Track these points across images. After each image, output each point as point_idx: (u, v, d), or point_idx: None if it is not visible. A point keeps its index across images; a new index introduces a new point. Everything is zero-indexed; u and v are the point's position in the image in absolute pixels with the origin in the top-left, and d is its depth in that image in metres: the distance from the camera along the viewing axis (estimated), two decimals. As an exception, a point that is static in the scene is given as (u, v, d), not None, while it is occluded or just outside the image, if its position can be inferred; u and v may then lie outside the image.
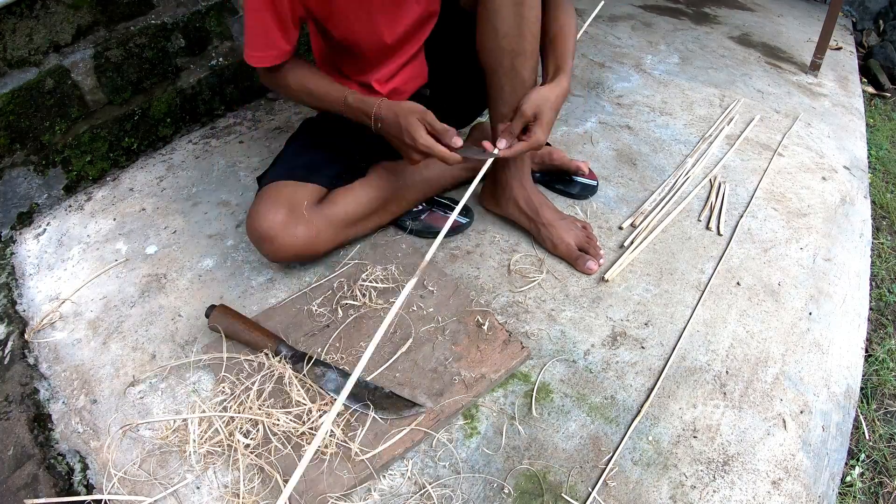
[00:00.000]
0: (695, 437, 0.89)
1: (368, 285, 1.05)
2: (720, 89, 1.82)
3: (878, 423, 1.04)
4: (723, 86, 1.84)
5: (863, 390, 1.06)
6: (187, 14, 1.36)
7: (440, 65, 1.16)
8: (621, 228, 1.25)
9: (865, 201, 1.43)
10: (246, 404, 0.84)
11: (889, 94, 2.20)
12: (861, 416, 1.04)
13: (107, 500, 0.76)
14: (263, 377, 0.88)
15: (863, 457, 0.99)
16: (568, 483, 0.82)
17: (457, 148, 0.96)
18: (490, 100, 1.08)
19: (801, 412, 0.94)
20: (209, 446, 0.81)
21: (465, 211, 1.23)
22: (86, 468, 0.82)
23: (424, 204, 1.22)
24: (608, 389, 0.94)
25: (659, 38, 2.15)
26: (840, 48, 2.26)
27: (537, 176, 1.33)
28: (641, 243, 1.20)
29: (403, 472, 0.82)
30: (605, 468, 0.83)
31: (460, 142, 0.96)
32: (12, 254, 1.14)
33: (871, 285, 1.24)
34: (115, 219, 1.22)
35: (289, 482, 0.70)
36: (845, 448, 0.92)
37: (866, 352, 1.11)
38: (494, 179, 1.19)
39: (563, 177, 1.35)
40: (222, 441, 0.81)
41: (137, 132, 1.35)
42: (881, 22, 2.64)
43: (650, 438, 0.88)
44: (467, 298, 1.05)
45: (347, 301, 1.02)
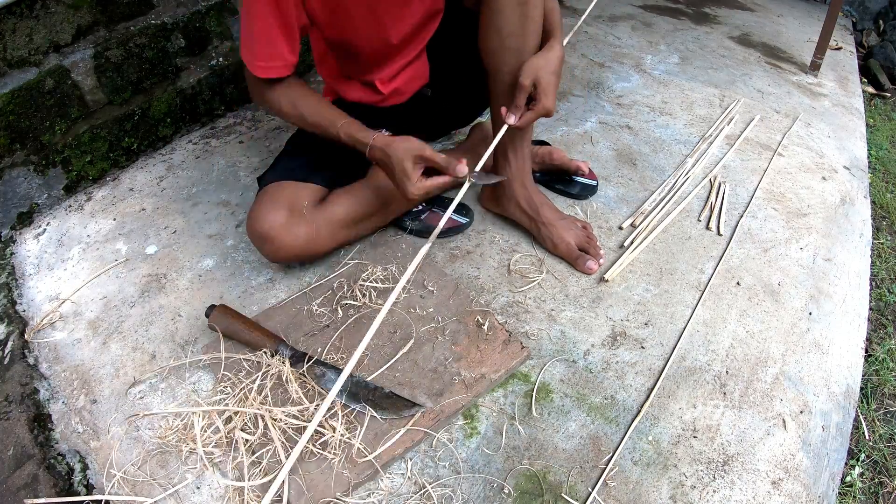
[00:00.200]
0: (695, 437, 0.89)
1: (368, 285, 1.05)
2: (720, 89, 1.82)
3: (878, 423, 1.04)
4: (723, 86, 1.84)
5: (863, 390, 1.06)
6: (187, 14, 1.36)
7: (441, 64, 1.16)
8: (621, 228, 1.25)
9: (865, 201, 1.43)
10: (246, 403, 0.84)
11: (889, 94, 2.20)
12: (861, 416, 1.04)
13: (107, 500, 0.76)
14: (263, 377, 0.88)
15: (863, 457, 0.99)
16: (568, 483, 0.82)
17: (463, 176, 0.93)
18: (492, 99, 1.08)
19: (801, 412, 0.94)
20: (210, 446, 0.81)
21: (465, 211, 1.23)
22: (86, 468, 0.82)
23: (424, 204, 1.22)
24: (608, 389, 0.94)
25: (659, 38, 2.15)
26: (840, 48, 2.26)
27: (537, 176, 1.33)
28: (641, 243, 1.20)
29: (403, 472, 0.82)
30: (605, 468, 0.83)
31: (466, 170, 0.92)
32: (12, 254, 1.14)
33: (871, 285, 1.24)
34: (115, 219, 1.22)
35: (284, 465, 0.70)
36: (845, 448, 0.92)
37: (866, 352, 1.11)
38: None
39: (563, 177, 1.35)
40: (222, 440, 0.81)
41: (137, 132, 1.35)
42: (881, 22, 2.64)
43: (650, 438, 0.88)
44: (467, 298, 1.05)
45: (347, 301, 1.03)
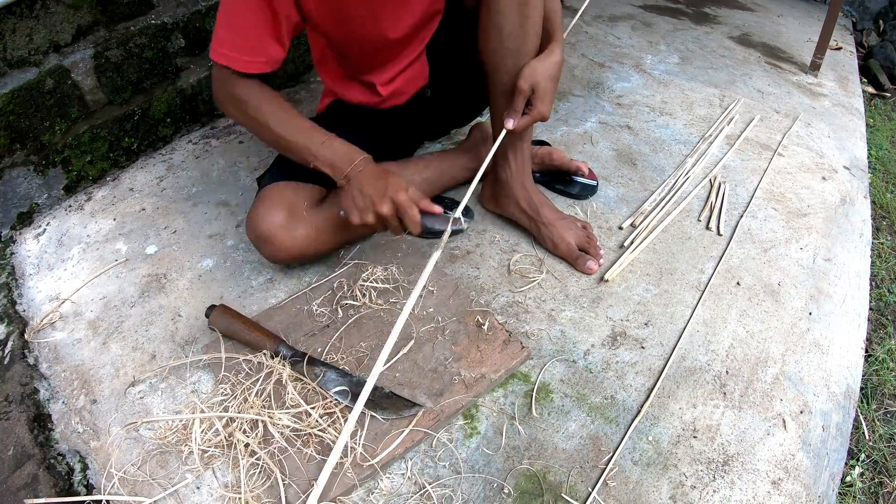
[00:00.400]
0: (695, 437, 0.89)
1: (368, 285, 1.05)
2: (720, 89, 1.82)
3: (878, 423, 1.04)
4: (723, 86, 1.84)
5: (863, 390, 1.06)
6: (187, 14, 1.36)
7: (441, 65, 1.16)
8: (621, 228, 1.25)
9: (865, 201, 1.43)
10: (246, 404, 0.84)
11: (889, 94, 2.20)
12: (861, 416, 1.04)
13: (107, 500, 0.76)
14: (263, 377, 0.88)
15: (863, 457, 0.99)
16: (568, 483, 0.82)
17: (428, 214, 0.92)
18: (491, 99, 1.08)
19: (801, 412, 0.94)
20: (210, 447, 0.81)
21: (466, 211, 1.22)
22: (86, 468, 0.82)
23: (424, 204, 1.22)
24: (608, 389, 0.94)
25: (659, 38, 2.15)
26: (840, 48, 2.26)
27: (537, 176, 1.33)
28: (641, 243, 1.20)
29: (403, 472, 0.82)
30: (605, 468, 0.83)
31: (439, 209, 0.92)
32: (12, 254, 1.14)
33: (871, 285, 1.24)
34: (115, 219, 1.22)
35: (314, 487, 0.70)
36: (845, 448, 0.92)
37: (866, 352, 1.11)
38: (495, 179, 1.19)
39: (563, 177, 1.35)
40: (222, 441, 0.81)
41: (137, 132, 1.35)
42: (881, 22, 2.64)
43: (650, 438, 0.88)
44: (467, 298, 1.05)
45: (347, 301, 1.02)
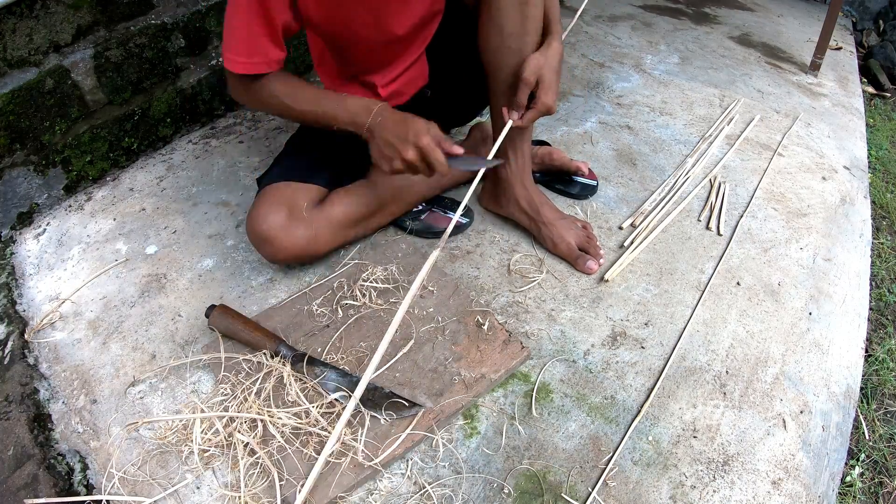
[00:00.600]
0: (695, 437, 0.89)
1: (368, 285, 1.05)
2: (720, 89, 1.82)
3: (878, 423, 1.04)
4: (723, 86, 1.84)
5: (863, 390, 1.06)
6: (187, 14, 1.36)
7: (440, 65, 1.16)
8: (621, 228, 1.25)
9: (865, 201, 1.43)
10: (246, 404, 0.84)
11: (889, 94, 2.20)
12: (861, 416, 1.04)
13: (107, 500, 0.76)
14: (263, 377, 0.88)
15: (863, 457, 0.99)
16: (568, 483, 0.82)
17: (453, 156, 0.92)
18: (492, 99, 1.08)
19: (801, 412, 0.94)
20: (210, 446, 0.81)
21: (466, 211, 1.23)
22: (86, 468, 0.82)
23: (424, 204, 1.22)
24: (608, 389, 0.94)
25: (659, 38, 2.15)
26: (840, 48, 2.26)
27: (537, 176, 1.33)
28: (641, 243, 1.20)
29: (403, 472, 0.82)
30: (605, 468, 0.83)
31: (461, 150, 0.92)
32: (12, 254, 1.14)
33: (871, 285, 1.24)
34: (115, 219, 1.22)
35: (305, 484, 0.70)
36: (845, 448, 0.92)
37: (866, 352, 1.11)
38: (495, 179, 1.19)
39: (563, 177, 1.35)
40: (222, 441, 0.81)
41: (137, 132, 1.35)
42: (881, 22, 2.64)
43: (650, 438, 0.88)
44: (467, 298, 1.05)
45: (347, 301, 1.02)
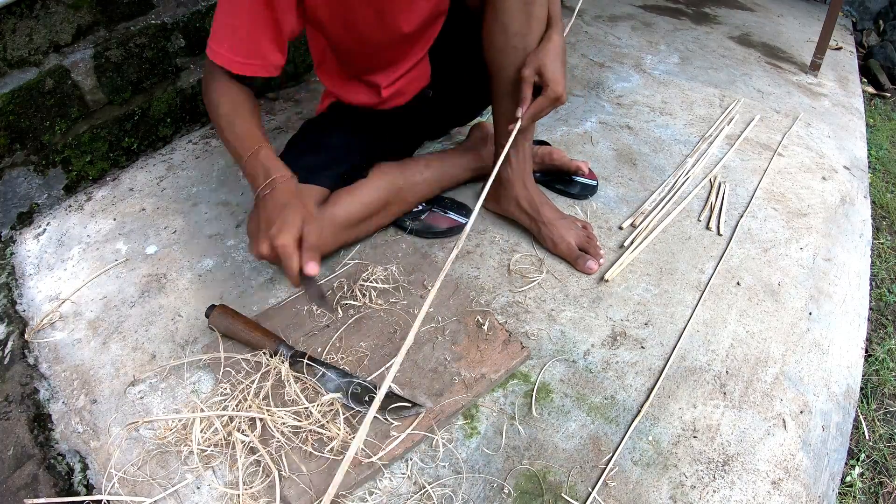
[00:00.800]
0: (695, 437, 0.89)
1: (368, 285, 1.05)
2: (720, 89, 1.82)
3: (878, 423, 1.04)
4: (723, 86, 1.84)
5: (863, 390, 1.06)
6: (187, 14, 1.36)
7: (442, 65, 1.16)
8: (621, 228, 1.25)
9: (865, 201, 1.43)
10: (245, 403, 0.84)
11: (889, 94, 2.20)
12: (861, 416, 1.04)
13: (107, 500, 0.76)
14: (263, 377, 0.88)
15: (863, 457, 0.99)
16: (568, 483, 0.82)
17: (306, 277, 0.80)
18: (494, 98, 1.07)
19: (801, 412, 0.94)
20: (209, 446, 0.81)
21: (465, 211, 1.23)
22: (86, 468, 0.82)
23: (425, 204, 1.22)
24: (608, 389, 0.94)
25: (659, 38, 2.15)
26: (840, 48, 2.26)
27: (537, 176, 1.33)
28: (641, 243, 1.20)
29: (403, 472, 0.82)
30: (605, 468, 0.83)
31: (317, 269, 0.80)
32: (12, 254, 1.14)
33: (871, 285, 1.24)
34: (115, 219, 1.22)
35: (328, 491, 0.70)
36: (845, 448, 0.92)
37: (866, 352, 1.11)
38: (496, 179, 1.19)
39: (563, 177, 1.35)
40: (222, 440, 0.81)
41: (137, 132, 1.35)
42: (881, 22, 2.64)
43: (650, 438, 0.88)
44: (467, 298, 1.05)
45: (347, 301, 1.02)
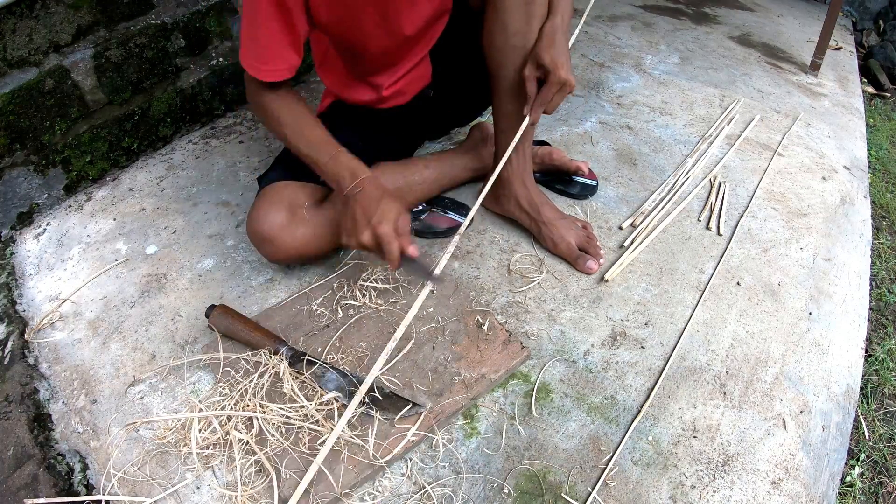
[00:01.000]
0: (695, 437, 0.89)
1: (368, 285, 1.05)
2: (720, 89, 1.82)
3: (878, 423, 1.04)
4: (723, 86, 1.84)
5: (863, 390, 1.06)
6: (187, 14, 1.36)
7: (443, 65, 1.16)
8: (621, 228, 1.25)
9: (865, 201, 1.43)
10: (242, 402, 0.84)
11: (889, 94, 2.20)
12: (861, 416, 1.04)
13: (106, 500, 0.76)
14: (263, 376, 0.88)
15: (863, 457, 0.99)
16: (568, 483, 0.82)
17: (406, 257, 0.89)
18: (495, 97, 1.07)
19: (801, 412, 0.94)
20: (209, 446, 0.81)
21: (465, 211, 1.23)
22: (86, 468, 0.82)
23: (425, 204, 1.22)
24: (608, 389, 0.94)
25: (659, 38, 2.15)
26: (840, 48, 2.26)
27: (537, 176, 1.33)
28: (641, 243, 1.20)
29: (403, 472, 0.82)
30: (605, 468, 0.83)
31: (416, 251, 0.90)
32: (12, 254, 1.14)
33: (871, 285, 1.24)
34: (115, 219, 1.22)
35: (303, 479, 0.70)
36: (845, 448, 0.92)
37: (866, 352, 1.11)
38: (496, 178, 1.19)
39: (562, 177, 1.35)
40: (220, 440, 0.81)
41: (137, 132, 1.35)
42: (881, 22, 2.64)
43: (650, 438, 0.88)
44: (467, 298, 1.05)
45: (347, 301, 1.02)
